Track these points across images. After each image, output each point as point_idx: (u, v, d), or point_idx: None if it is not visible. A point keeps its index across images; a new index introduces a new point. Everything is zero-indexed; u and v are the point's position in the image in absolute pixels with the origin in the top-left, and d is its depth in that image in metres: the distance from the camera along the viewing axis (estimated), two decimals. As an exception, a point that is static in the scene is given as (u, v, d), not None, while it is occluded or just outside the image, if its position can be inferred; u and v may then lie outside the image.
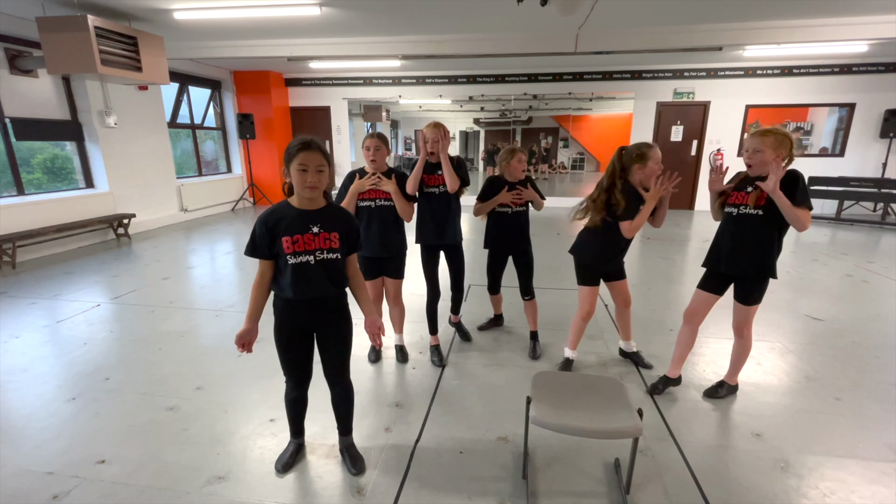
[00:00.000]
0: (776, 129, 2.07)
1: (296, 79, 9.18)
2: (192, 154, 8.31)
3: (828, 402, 2.39)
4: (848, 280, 4.41)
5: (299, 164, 1.55)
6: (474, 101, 9.36)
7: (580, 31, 5.78)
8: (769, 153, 2.04)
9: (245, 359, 2.84)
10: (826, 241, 6.14)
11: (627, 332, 2.79)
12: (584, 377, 1.87)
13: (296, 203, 1.63)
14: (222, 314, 3.56)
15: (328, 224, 1.64)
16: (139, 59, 4.92)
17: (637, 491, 1.76)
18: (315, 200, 1.64)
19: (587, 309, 2.60)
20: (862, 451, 2.01)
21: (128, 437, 2.09)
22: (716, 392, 2.44)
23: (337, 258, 1.67)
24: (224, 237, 6.38)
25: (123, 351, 2.96)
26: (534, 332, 2.98)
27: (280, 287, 1.66)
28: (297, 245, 1.59)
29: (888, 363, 2.79)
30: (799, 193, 2.01)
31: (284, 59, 6.71)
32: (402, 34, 6.04)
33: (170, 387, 2.53)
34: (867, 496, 1.74)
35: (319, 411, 2.28)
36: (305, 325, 1.74)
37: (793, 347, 3.00)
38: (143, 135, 6.70)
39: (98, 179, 6.16)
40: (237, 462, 1.93)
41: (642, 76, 8.33)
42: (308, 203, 1.63)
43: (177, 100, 7.77)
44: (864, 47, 6.49)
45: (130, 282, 4.35)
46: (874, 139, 7.84)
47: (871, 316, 3.52)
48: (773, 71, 7.87)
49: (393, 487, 1.79)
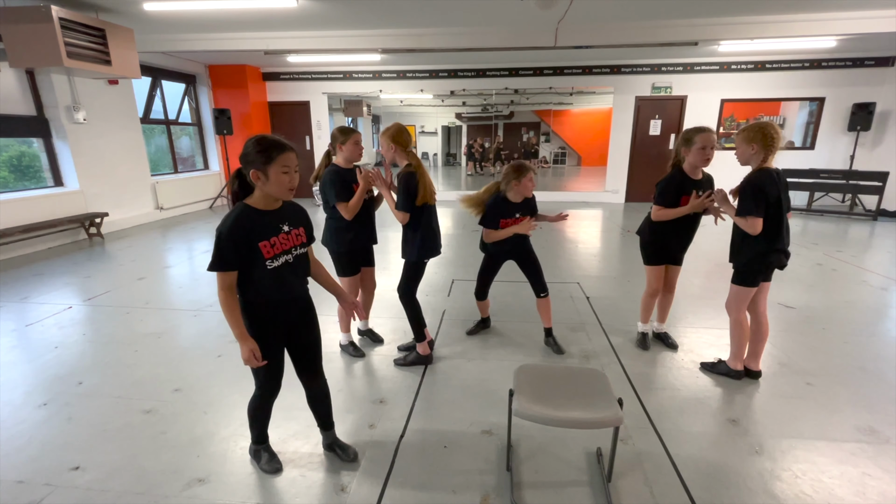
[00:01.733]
0: (750, 124, 2.22)
1: (274, 73, 9.00)
2: (166, 151, 8.08)
3: (800, 387, 2.47)
4: (818, 269, 4.56)
5: (282, 166, 1.51)
6: (456, 95, 9.33)
7: (559, 26, 5.81)
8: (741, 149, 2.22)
9: (224, 359, 2.79)
10: (798, 231, 6.34)
11: (663, 315, 2.98)
12: (566, 369, 1.89)
13: (260, 205, 1.56)
14: (201, 314, 3.49)
15: (294, 220, 1.65)
16: (108, 51, 4.76)
17: (618, 479, 1.80)
18: (276, 200, 1.60)
19: (655, 286, 2.81)
20: (831, 433, 2.08)
21: (102, 443, 2.03)
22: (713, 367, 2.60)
23: (306, 252, 1.69)
24: (202, 236, 6.23)
25: (97, 354, 2.87)
26: (549, 328, 2.93)
27: (257, 293, 1.57)
28: (276, 248, 1.56)
29: (856, 348, 2.90)
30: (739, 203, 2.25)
31: (261, 52, 6.57)
32: (381, 27, 5.97)
33: (146, 389, 2.46)
34: (836, 476, 1.81)
35: (298, 409, 2.25)
36: (284, 326, 1.70)
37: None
38: (114, 131, 6.49)
39: (67, 177, 5.95)
40: (218, 464, 1.90)
41: (621, 71, 8.42)
42: (273, 203, 1.59)
43: (149, 94, 7.54)
44: (833, 43, 6.69)
45: (104, 283, 4.22)
46: (843, 132, 8.11)
47: (840, 303, 3.65)
48: (747, 66, 8.05)
49: (377, 484, 1.78)
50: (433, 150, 15.31)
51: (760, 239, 2.24)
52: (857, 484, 1.77)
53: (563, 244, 5.68)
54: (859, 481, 1.78)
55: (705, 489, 1.75)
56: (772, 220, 2.21)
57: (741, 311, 2.42)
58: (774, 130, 2.16)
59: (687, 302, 3.70)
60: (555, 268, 4.62)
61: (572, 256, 5.08)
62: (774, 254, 2.27)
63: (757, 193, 2.17)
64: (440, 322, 3.33)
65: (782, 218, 2.24)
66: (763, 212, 2.18)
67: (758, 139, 2.17)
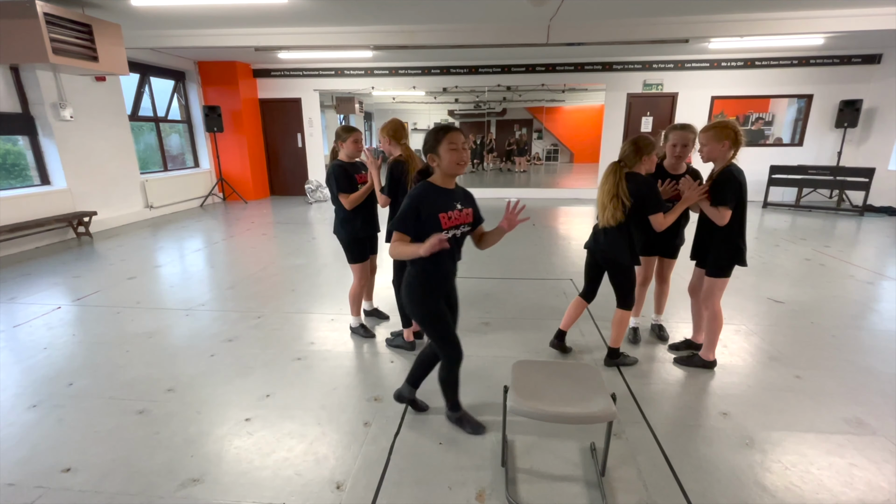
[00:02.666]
0: (716, 122, 2.33)
1: (264, 70, 8.92)
2: (156, 148, 7.98)
3: (789, 380, 2.51)
4: (807, 264, 4.63)
5: (450, 143, 1.72)
6: (448, 92, 9.32)
7: (552, 23, 5.81)
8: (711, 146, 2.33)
9: (218, 358, 2.77)
10: (787, 227, 6.42)
11: (659, 307, 3.05)
12: (560, 364, 1.90)
13: (439, 182, 1.80)
14: (193, 313, 3.46)
15: (465, 201, 1.84)
16: (94, 47, 4.68)
17: (612, 472, 1.82)
18: (452, 179, 1.82)
19: (642, 276, 2.89)
20: (820, 425, 2.12)
21: (94, 444, 2.01)
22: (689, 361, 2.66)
23: (467, 232, 1.87)
24: (193, 234, 6.17)
25: (88, 354, 2.84)
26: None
27: (434, 262, 1.78)
28: (451, 220, 1.77)
29: (843, 341, 2.95)
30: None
31: (252, 49, 6.50)
32: (373, 24, 5.93)
33: (139, 390, 2.44)
34: (825, 467, 1.85)
35: (293, 408, 2.26)
36: (444, 294, 1.90)
37: (756, 329, 3.14)
38: (102, 128, 6.39)
39: (54, 176, 5.85)
40: (212, 463, 1.89)
41: (613, 68, 8.45)
42: (450, 182, 1.81)
43: (138, 91, 7.43)
44: (821, 40, 6.77)
45: (93, 282, 4.17)
46: (830, 129, 8.22)
47: (828, 297, 3.71)
48: (737, 63, 8.12)
49: (373, 482, 1.79)
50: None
51: (733, 231, 2.36)
52: (845, 475, 1.80)
53: (556, 241, 5.71)
54: (847, 472, 1.82)
55: (697, 481, 1.78)
56: (738, 213, 2.34)
57: (719, 302, 2.50)
58: (739, 127, 2.32)
59: (680, 296, 3.73)
60: (548, 264, 4.64)
61: (565, 253, 5.11)
62: (741, 245, 2.39)
63: (734, 186, 2.29)
64: (434, 319, 3.34)
65: (743, 213, 2.36)
66: (734, 204, 2.31)
67: (730, 137, 2.30)
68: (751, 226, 6.46)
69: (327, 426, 2.12)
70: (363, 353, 2.87)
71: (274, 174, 9.68)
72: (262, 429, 2.10)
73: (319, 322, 3.29)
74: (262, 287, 4.04)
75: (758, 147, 8.51)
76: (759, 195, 8.22)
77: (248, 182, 9.00)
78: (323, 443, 2.01)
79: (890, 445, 1.97)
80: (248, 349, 2.89)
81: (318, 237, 6.01)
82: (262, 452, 1.95)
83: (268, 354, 2.81)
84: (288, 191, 9.73)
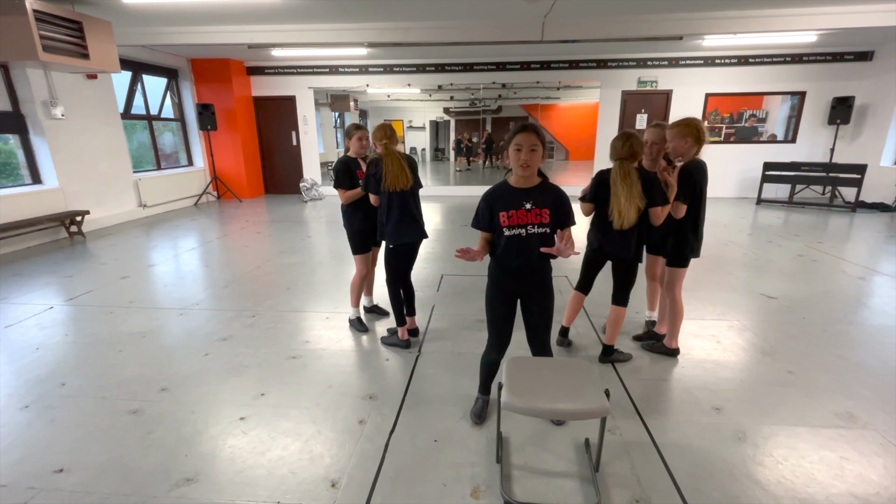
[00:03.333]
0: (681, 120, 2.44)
1: (258, 67, 8.86)
2: (149, 147, 7.92)
3: (781, 374, 2.53)
4: (799, 260, 4.66)
5: (515, 144, 1.75)
6: (443, 90, 9.30)
7: (546, 20, 5.80)
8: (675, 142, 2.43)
9: (212, 357, 2.76)
10: (780, 223, 6.47)
11: (651, 304, 3.11)
12: (554, 361, 1.91)
13: (513, 181, 1.84)
14: (187, 312, 3.44)
15: (540, 201, 1.81)
16: (85, 45, 4.63)
17: (606, 468, 1.83)
18: (529, 178, 1.81)
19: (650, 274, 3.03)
20: (811, 419, 2.14)
21: (87, 444, 2.00)
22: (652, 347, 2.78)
23: (546, 232, 1.82)
24: (187, 233, 6.14)
25: (80, 354, 2.82)
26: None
27: (496, 255, 1.89)
28: (512, 220, 1.80)
29: (835, 336, 2.97)
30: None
31: (245, 46, 6.46)
32: (367, 21, 5.91)
33: (132, 389, 2.43)
34: (816, 460, 1.86)
35: (287, 407, 2.25)
36: (513, 291, 1.95)
37: (750, 325, 3.16)
38: (94, 126, 6.34)
39: (46, 175, 5.80)
40: (207, 463, 1.88)
41: (607, 65, 8.46)
42: (523, 181, 1.82)
43: (130, 89, 7.37)
44: (814, 37, 6.80)
45: (86, 282, 4.14)
46: (823, 125, 8.27)
47: (820, 293, 3.74)
48: (731, 60, 8.15)
49: (368, 479, 1.79)
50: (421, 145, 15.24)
51: (686, 224, 2.49)
52: (836, 468, 1.82)
53: (552, 238, 5.71)
54: (838, 465, 1.84)
55: (691, 476, 1.79)
56: (694, 208, 2.46)
57: (679, 292, 2.62)
58: (703, 127, 2.41)
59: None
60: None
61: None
62: (694, 238, 2.52)
63: (690, 183, 2.40)
64: (429, 317, 3.34)
65: (701, 206, 2.49)
66: (689, 199, 2.42)
67: (692, 134, 2.39)
68: (745, 222, 6.50)
69: (322, 424, 2.12)
70: (358, 351, 2.86)
71: (268, 172, 9.63)
72: (256, 427, 2.10)
73: (314, 320, 3.28)
74: (256, 286, 4.02)
75: (751, 144, 8.55)
76: (753, 192, 8.27)
77: (243, 180, 8.95)
78: (318, 441, 2.00)
79: (880, 439, 1.99)
80: (243, 348, 2.88)
81: (313, 235, 5.99)
82: (257, 451, 1.94)
83: (262, 353, 2.81)
84: (283, 189, 9.69)
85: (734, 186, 8.69)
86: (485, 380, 2.16)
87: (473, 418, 2.13)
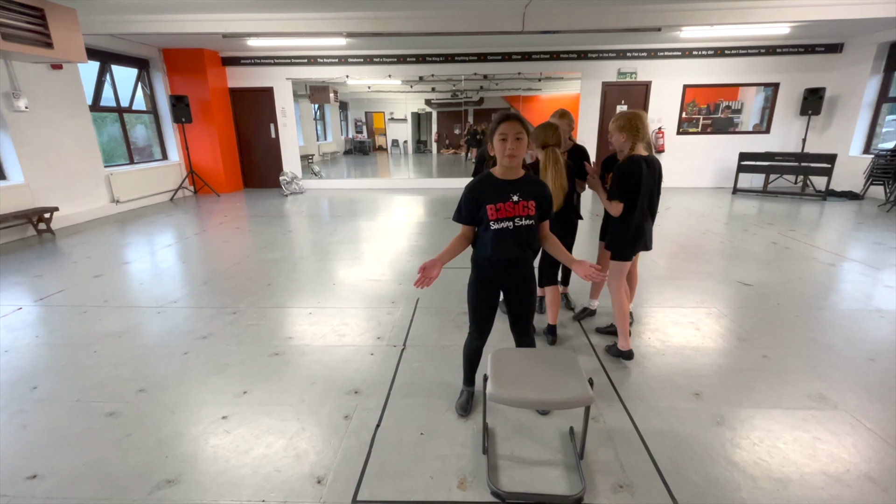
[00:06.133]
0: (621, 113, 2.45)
1: (234, 57, 8.62)
2: (121, 140, 7.65)
3: (757, 359, 2.61)
4: (773, 247, 4.80)
5: (500, 134, 1.71)
6: (425, 81, 9.21)
7: (527, 10, 5.79)
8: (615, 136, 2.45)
9: (192, 356, 2.70)
10: (755, 212, 6.64)
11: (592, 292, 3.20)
12: (538, 351, 1.92)
13: (498, 173, 1.81)
14: (165, 310, 3.36)
15: (526, 193, 1.79)
16: (48, 33, 4.43)
17: (590, 455, 1.86)
18: (515, 169, 1.79)
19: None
20: (786, 401, 2.21)
21: (62, 449, 1.94)
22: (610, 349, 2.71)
23: (532, 224, 1.81)
24: (163, 229, 5.97)
25: (53, 356, 2.72)
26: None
27: (480, 248, 1.87)
28: (500, 212, 1.77)
29: (807, 321, 3.08)
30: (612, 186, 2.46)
31: (219, 35, 6.27)
32: (346, 10, 5.79)
33: (108, 391, 2.36)
34: (790, 441, 1.93)
35: (272, 404, 2.22)
36: (497, 282, 1.95)
37: (727, 312, 3.24)
38: (61, 119, 6.08)
39: (10, 170, 5.55)
40: (188, 464, 1.84)
41: (588, 56, 8.50)
42: (509, 172, 1.79)
43: (98, 80, 7.09)
44: (787, 29, 6.95)
45: (57, 281, 3.99)
46: (795, 116, 8.49)
47: (793, 279, 3.85)
48: (708, 52, 8.28)
49: (354, 474, 1.78)
50: (403, 137, 15.11)
51: (624, 220, 2.48)
52: (809, 448, 1.89)
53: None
54: (811, 445, 1.90)
55: (672, 461, 1.83)
56: (631, 204, 2.44)
57: (620, 286, 2.57)
58: (640, 120, 2.36)
59: (653, 283, 3.83)
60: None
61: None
62: (632, 235, 2.51)
63: (621, 179, 2.40)
64: (414, 310, 3.33)
65: (636, 203, 2.42)
66: (624, 197, 2.42)
67: (626, 128, 2.37)
68: (722, 212, 6.65)
69: (307, 421, 2.10)
70: (342, 346, 2.84)
71: (247, 166, 9.42)
72: (239, 426, 2.06)
73: (297, 316, 3.24)
74: (236, 282, 3.94)
75: (728, 135, 8.73)
76: (730, 182, 8.46)
77: (221, 174, 8.74)
78: (302, 438, 1.98)
79: (850, 419, 2.07)
80: (224, 346, 2.82)
81: (294, 230, 5.90)
82: (240, 450, 1.91)
83: (244, 351, 2.76)
84: (262, 183, 9.50)
85: (712, 176, 8.87)
86: (469, 371, 2.16)
87: (459, 410, 2.13)
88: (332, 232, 5.75)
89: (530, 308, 2.02)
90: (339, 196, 8.60)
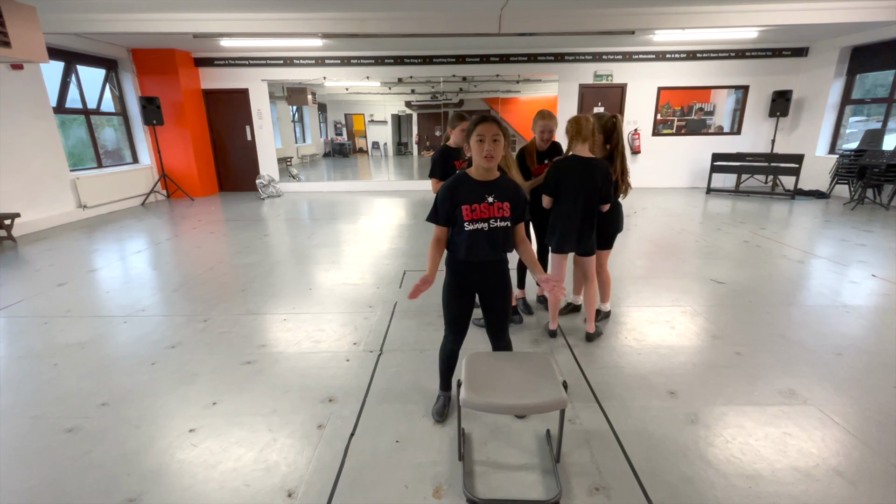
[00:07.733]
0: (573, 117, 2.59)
1: (207, 58, 8.42)
2: (88, 143, 7.39)
3: (730, 356, 2.65)
4: (745, 246, 4.91)
5: (477, 135, 1.70)
6: (404, 83, 9.17)
7: (503, 13, 5.81)
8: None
9: (160, 366, 2.60)
10: (728, 211, 6.80)
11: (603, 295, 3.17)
12: (513, 355, 1.91)
13: (474, 174, 1.80)
14: (132, 319, 3.23)
15: (501, 195, 1.78)
16: (6, 31, 4.23)
17: (566, 458, 1.85)
18: (491, 171, 1.79)
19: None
20: (757, 398, 2.25)
21: (18, 467, 1.83)
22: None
23: (507, 226, 1.81)
24: (134, 234, 5.78)
25: (10, 370, 2.59)
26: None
27: (454, 249, 1.85)
28: (475, 213, 1.76)
29: (777, 317, 3.15)
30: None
31: (190, 35, 6.11)
32: (321, 10, 5.71)
33: (68, 406, 2.25)
34: (761, 437, 1.96)
35: (242, 415, 2.15)
36: (472, 284, 1.93)
37: (701, 310, 3.29)
38: (22, 121, 5.83)
39: (-33, 175, 5.29)
40: (152, 481, 1.76)
41: (565, 59, 8.59)
42: (485, 174, 1.79)
43: (63, 81, 6.84)
44: (754, 33, 7.15)
45: (16, 291, 3.81)
46: (764, 118, 8.74)
47: (764, 276, 3.95)
48: (681, 55, 8.46)
49: (327, 486, 1.73)
50: (383, 139, 15.02)
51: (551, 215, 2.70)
52: (780, 443, 1.92)
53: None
54: (781, 441, 1.94)
55: (647, 460, 1.84)
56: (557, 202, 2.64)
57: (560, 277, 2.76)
58: (578, 124, 2.52)
59: (629, 282, 3.87)
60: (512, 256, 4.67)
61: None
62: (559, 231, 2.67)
63: (550, 175, 2.62)
64: (391, 314, 3.28)
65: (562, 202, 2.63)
66: (553, 191, 2.62)
67: (569, 129, 2.56)
68: (696, 211, 6.78)
69: (279, 432, 2.04)
70: (317, 353, 2.77)
71: (222, 169, 9.22)
72: (207, 439, 1.99)
73: (271, 323, 3.16)
74: (209, 288, 3.83)
75: (701, 136, 8.94)
76: (703, 182, 8.65)
77: (194, 178, 8.52)
78: (273, 449, 1.92)
79: (819, 413, 2.11)
80: (194, 355, 2.73)
81: (270, 234, 5.78)
82: (208, 464, 1.84)
83: (215, 360, 2.67)
84: (238, 186, 9.30)
85: (686, 177, 9.07)
86: (445, 375, 2.14)
87: (435, 416, 2.10)
88: (311, 235, 5.66)
89: (506, 310, 2.00)
90: (319, 199, 8.48)
